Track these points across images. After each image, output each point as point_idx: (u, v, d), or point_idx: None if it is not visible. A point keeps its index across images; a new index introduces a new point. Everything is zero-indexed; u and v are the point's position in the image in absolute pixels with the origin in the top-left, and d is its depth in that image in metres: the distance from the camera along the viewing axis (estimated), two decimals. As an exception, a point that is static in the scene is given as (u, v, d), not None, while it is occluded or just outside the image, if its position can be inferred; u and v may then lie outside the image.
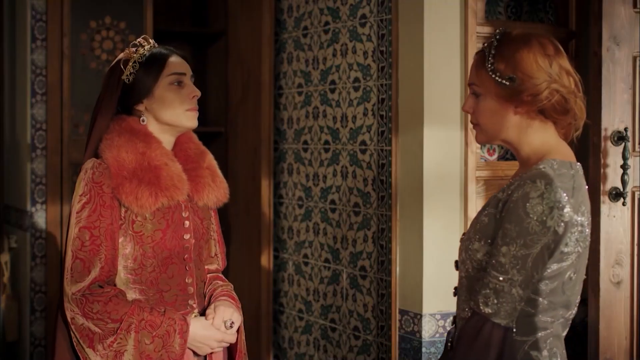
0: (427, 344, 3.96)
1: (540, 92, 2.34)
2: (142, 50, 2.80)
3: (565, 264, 2.30)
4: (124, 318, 2.63)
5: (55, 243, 4.94)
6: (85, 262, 2.65)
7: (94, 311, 2.63)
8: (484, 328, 2.29)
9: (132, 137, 2.74)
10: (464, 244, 2.45)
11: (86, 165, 2.72)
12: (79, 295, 2.64)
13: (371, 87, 4.34)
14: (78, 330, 2.64)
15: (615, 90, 3.99)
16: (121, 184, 2.68)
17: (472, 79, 2.44)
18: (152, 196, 2.70)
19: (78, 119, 4.99)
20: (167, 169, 2.74)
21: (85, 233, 2.66)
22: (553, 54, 2.37)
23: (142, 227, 2.72)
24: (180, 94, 2.78)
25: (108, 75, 2.83)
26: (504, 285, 2.27)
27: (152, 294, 2.74)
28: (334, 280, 4.63)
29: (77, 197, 2.69)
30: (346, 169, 4.54)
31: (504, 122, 2.40)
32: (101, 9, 5.05)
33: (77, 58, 5.00)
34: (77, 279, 2.65)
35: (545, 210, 2.24)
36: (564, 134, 2.45)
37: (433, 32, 3.97)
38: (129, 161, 2.70)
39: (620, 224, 4.02)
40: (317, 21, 4.77)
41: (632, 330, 4.05)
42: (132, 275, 2.73)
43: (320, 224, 4.74)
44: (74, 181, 4.97)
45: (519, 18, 4.33)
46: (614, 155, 4.01)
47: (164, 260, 2.75)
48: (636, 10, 4.05)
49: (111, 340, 2.62)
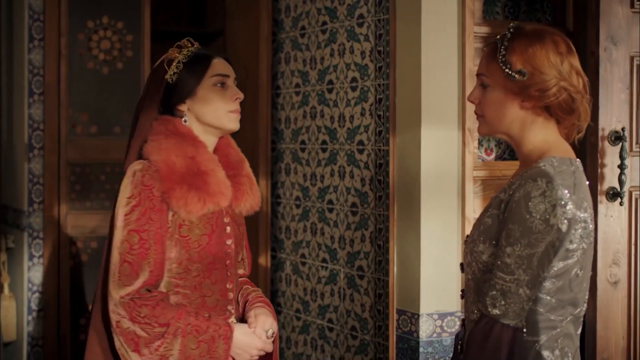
0: (424, 344, 3.96)
1: (549, 89, 2.34)
2: (187, 51, 2.78)
3: (570, 261, 2.29)
4: (171, 322, 2.61)
5: (52, 243, 4.94)
6: (133, 265, 2.62)
7: (141, 315, 2.60)
8: (493, 330, 2.29)
9: (180, 140, 2.71)
10: (468, 246, 2.44)
11: (134, 167, 2.68)
12: (127, 299, 2.60)
13: (369, 87, 4.34)
14: (123, 334, 2.61)
15: (613, 90, 3.99)
16: (172, 188, 2.65)
17: (482, 70, 2.44)
18: (201, 202, 2.67)
19: (75, 119, 5.00)
20: (214, 174, 2.72)
21: (134, 236, 2.63)
22: (565, 52, 2.38)
23: (189, 232, 2.70)
24: (223, 96, 2.76)
25: (151, 75, 2.82)
26: (510, 285, 2.27)
27: (195, 298, 2.72)
28: (332, 280, 4.63)
29: (125, 199, 2.65)
30: (344, 169, 4.54)
31: (508, 116, 2.40)
32: (99, 9, 5.05)
33: (75, 58, 5.00)
34: (125, 282, 2.61)
35: (548, 208, 2.23)
36: (566, 134, 2.44)
37: (430, 32, 3.97)
38: (179, 165, 2.67)
39: (618, 224, 4.03)
40: (314, 21, 4.77)
41: (630, 330, 4.06)
42: (176, 280, 2.71)
43: (317, 223, 4.74)
44: (71, 181, 4.98)
45: (516, 18, 4.34)
46: (611, 155, 4.01)
47: (208, 265, 2.74)
48: (633, 10, 4.05)
49: (158, 344, 2.60)
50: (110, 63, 5.06)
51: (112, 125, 5.08)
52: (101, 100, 5.05)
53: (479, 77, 2.45)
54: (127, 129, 5.05)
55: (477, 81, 2.46)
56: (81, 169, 5.02)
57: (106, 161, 5.08)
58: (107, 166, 5.08)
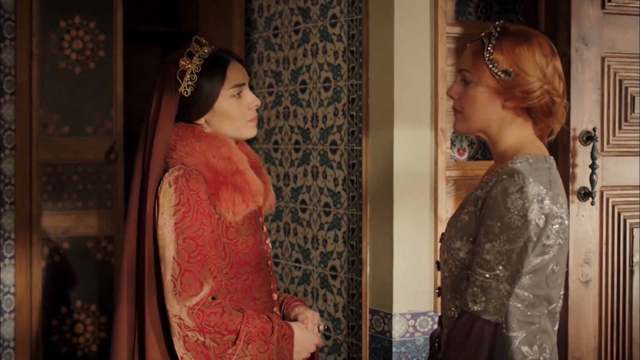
0: (397, 344, 3.97)
1: (534, 91, 2.34)
2: (198, 59, 2.66)
3: (547, 256, 2.30)
4: (241, 328, 2.55)
5: (24, 243, 4.91)
6: (195, 274, 2.52)
7: (211, 324, 2.52)
8: (474, 326, 2.29)
9: (212, 142, 2.65)
10: (445, 244, 2.44)
11: (175, 174, 2.58)
12: (197, 309, 2.51)
13: (341, 87, 4.34)
14: (192, 349, 2.52)
15: (584, 91, 4.01)
16: (219, 189, 2.58)
17: (466, 66, 2.42)
18: (245, 202, 2.62)
19: (47, 119, 4.97)
20: (250, 174, 2.67)
21: (191, 244, 2.53)
22: (550, 55, 2.39)
23: (236, 234, 2.65)
24: (241, 106, 2.70)
25: (160, 85, 2.68)
26: (490, 282, 2.27)
27: (247, 302, 2.67)
28: (305, 280, 4.63)
29: (172, 207, 2.54)
30: (317, 169, 4.54)
31: (490, 114, 2.40)
32: (71, 9, 5.02)
33: (47, 58, 4.97)
34: (191, 292, 2.52)
35: (526, 204, 2.24)
36: (539, 135, 2.45)
37: (403, 32, 3.98)
38: (220, 167, 2.61)
39: (589, 224, 4.05)
40: (287, 21, 4.77)
41: (601, 329, 4.08)
42: (227, 285, 2.63)
43: (290, 224, 4.74)
44: (43, 181, 4.95)
45: (488, 18, 4.35)
46: (582, 155, 4.03)
47: (256, 266, 2.69)
48: (604, 11, 4.07)
49: (231, 353, 2.54)
50: (82, 63, 5.04)
51: (85, 125, 5.05)
52: (73, 100, 5.02)
53: (461, 72, 2.43)
54: (99, 129, 5.06)
55: (458, 76, 2.45)
56: (53, 169, 5.00)
57: (78, 161, 5.06)
58: (80, 166, 5.05)
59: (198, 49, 2.68)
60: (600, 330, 4.08)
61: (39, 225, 4.95)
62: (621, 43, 4.11)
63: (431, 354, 2.57)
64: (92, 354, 5.09)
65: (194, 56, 2.66)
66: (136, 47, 5.73)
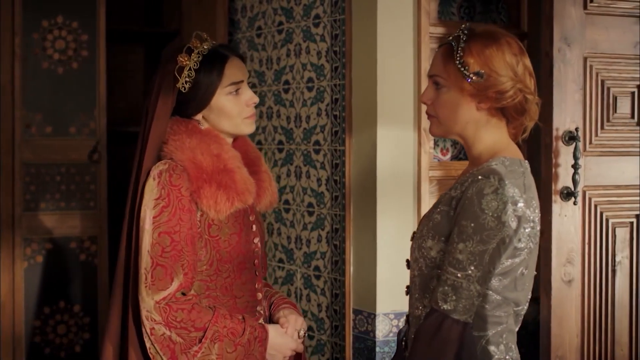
0: (381, 344, 3.98)
1: (507, 90, 2.35)
2: (197, 55, 2.66)
3: (517, 259, 2.31)
4: (209, 326, 2.55)
5: (7, 244, 4.90)
6: (167, 268, 2.54)
7: (177, 320, 2.54)
8: (443, 324, 2.29)
9: (203, 139, 2.65)
10: (416, 242, 2.45)
11: (160, 167, 2.60)
12: (163, 304, 2.53)
13: (325, 87, 4.34)
14: (158, 342, 2.54)
15: (566, 91, 4.03)
16: (201, 187, 2.59)
17: (437, 71, 2.42)
18: (229, 200, 2.61)
19: (30, 119, 4.95)
20: (239, 172, 2.67)
21: (166, 238, 2.55)
22: (519, 53, 2.39)
23: (219, 232, 2.64)
24: (239, 103, 2.70)
25: (159, 80, 2.70)
26: (462, 281, 2.28)
27: (226, 300, 2.67)
28: (288, 280, 4.63)
29: (152, 201, 2.57)
30: (300, 169, 4.54)
31: (464, 117, 2.40)
32: (53, 8, 5.01)
33: (29, 58, 4.95)
34: (160, 286, 2.54)
35: (500, 205, 2.25)
36: (514, 134, 2.46)
37: (386, 33, 3.98)
38: (206, 164, 2.61)
39: (572, 223, 4.06)
40: (270, 21, 4.77)
41: (583, 328, 4.09)
42: (207, 282, 2.65)
43: (274, 224, 4.74)
44: (26, 181, 4.93)
45: (471, 19, 4.36)
46: (565, 155, 4.04)
47: (239, 265, 2.69)
48: (587, 11, 4.09)
49: (196, 350, 2.54)
50: (65, 63, 5.02)
51: (67, 125, 5.04)
52: (56, 101, 5.00)
53: (432, 77, 2.44)
54: (82, 129, 5.04)
55: (430, 81, 2.46)
56: (36, 169, 4.98)
57: (61, 162, 5.04)
58: (63, 167, 5.03)
59: (198, 44, 2.69)
60: (583, 329, 4.09)
61: (22, 225, 4.94)
62: (603, 43, 4.13)
63: (398, 352, 2.58)
64: (75, 355, 5.07)
65: (193, 52, 2.67)
66: (119, 47, 5.72)
